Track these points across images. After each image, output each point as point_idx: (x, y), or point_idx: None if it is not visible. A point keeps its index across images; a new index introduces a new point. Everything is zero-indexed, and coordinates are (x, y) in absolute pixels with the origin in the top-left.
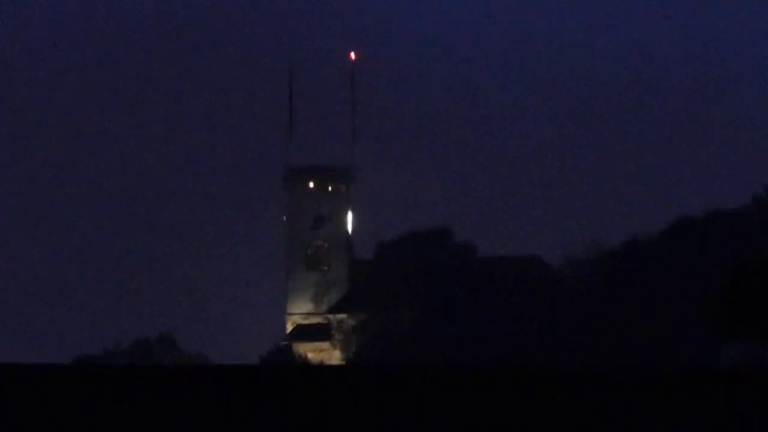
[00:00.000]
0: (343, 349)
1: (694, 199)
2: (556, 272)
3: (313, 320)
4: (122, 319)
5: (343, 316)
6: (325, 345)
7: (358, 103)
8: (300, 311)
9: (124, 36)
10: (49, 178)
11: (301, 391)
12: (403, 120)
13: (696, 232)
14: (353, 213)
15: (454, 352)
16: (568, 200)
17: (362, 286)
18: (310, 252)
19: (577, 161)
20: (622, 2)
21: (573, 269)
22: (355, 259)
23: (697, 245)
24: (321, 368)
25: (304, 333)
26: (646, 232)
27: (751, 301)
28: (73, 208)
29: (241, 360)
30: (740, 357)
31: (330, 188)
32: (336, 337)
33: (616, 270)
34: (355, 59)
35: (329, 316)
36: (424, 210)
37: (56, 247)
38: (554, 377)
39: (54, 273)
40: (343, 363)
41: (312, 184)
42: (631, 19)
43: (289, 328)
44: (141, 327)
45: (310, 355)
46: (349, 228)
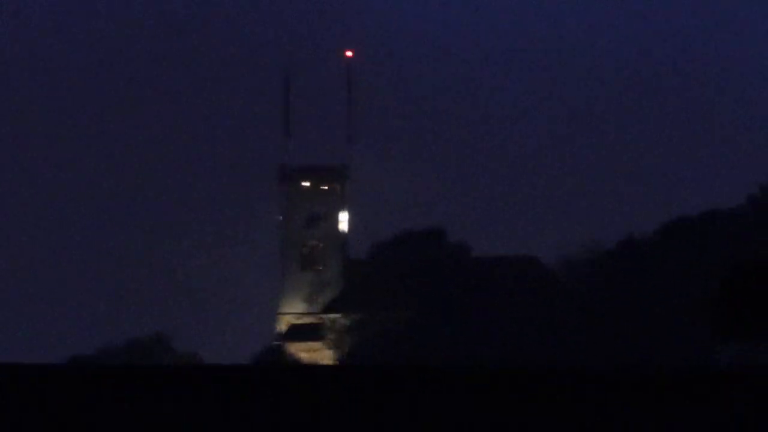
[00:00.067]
0: (336, 349)
1: (690, 200)
2: (552, 272)
3: (307, 320)
4: (116, 319)
5: (337, 315)
6: (318, 345)
7: (354, 103)
8: (294, 311)
9: (123, 36)
10: (42, 178)
11: (294, 391)
12: (399, 120)
13: (691, 232)
14: (348, 213)
15: (449, 352)
16: (564, 200)
17: (357, 286)
18: (304, 252)
19: (572, 161)
20: (622, 2)
21: (568, 269)
22: (350, 258)
23: (693, 245)
24: (314, 368)
25: (298, 333)
26: (641, 232)
27: (747, 301)
28: (67, 209)
29: (234, 360)
30: (736, 356)
31: (325, 188)
32: (329, 336)
33: (612, 270)
34: (351, 58)
35: (323, 316)
36: (419, 210)
37: (48, 247)
38: (550, 377)
39: (46, 273)
40: (336, 363)
41: (307, 184)
42: (631, 19)
43: (283, 327)
44: (135, 327)
45: (303, 355)
46: (344, 228)
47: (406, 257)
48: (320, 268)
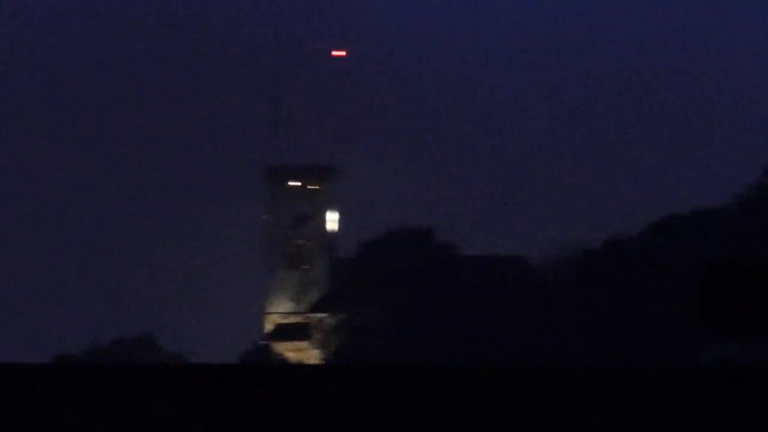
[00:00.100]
0: (323, 348)
1: (675, 198)
2: (536, 272)
3: (294, 320)
4: (101, 319)
5: (324, 315)
6: (305, 344)
7: (343, 102)
8: (280, 310)
9: (114, 36)
10: (40, 178)
11: (281, 390)
12: (390, 120)
13: (679, 232)
14: (336, 212)
15: (437, 352)
16: (548, 200)
17: (343, 286)
18: (291, 251)
19: (559, 161)
20: (622, 2)
21: (553, 269)
22: (337, 258)
23: (677, 244)
24: (301, 368)
25: (285, 332)
26: (625, 232)
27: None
28: (53, 208)
29: (221, 359)
30: (722, 355)
31: (312, 186)
32: (316, 336)
33: (596, 269)
34: (340, 57)
35: (310, 316)
36: (407, 210)
37: (32, 246)
38: (537, 376)
39: (29, 272)
40: (323, 362)
41: (293, 183)
42: (631, 19)
43: (269, 327)
44: (120, 326)
45: (290, 355)
46: (332, 227)
47: (394, 257)
48: (307, 268)
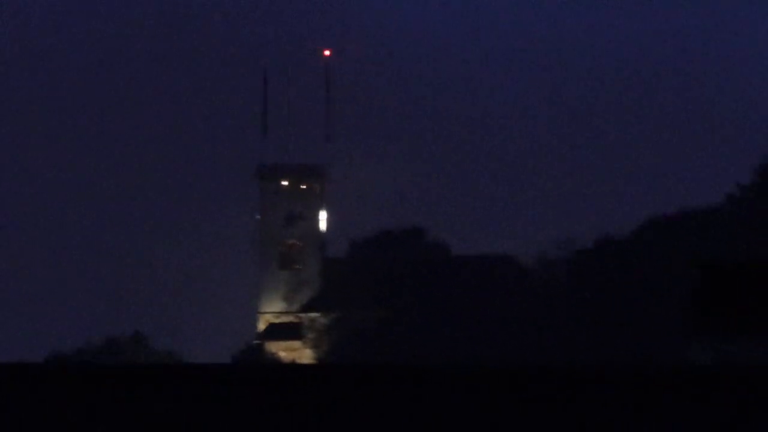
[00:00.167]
0: (315, 347)
1: (668, 198)
2: (529, 271)
3: (286, 319)
4: (94, 318)
5: (316, 314)
6: (297, 344)
7: (333, 101)
8: (272, 310)
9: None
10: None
11: (274, 390)
12: (378, 119)
13: (670, 231)
14: (327, 211)
15: (428, 351)
16: (541, 199)
17: (335, 285)
18: (282, 250)
19: (550, 161)
20: (622, 2)
21: (546, 268)
22: (329, 257)
23: (671, 244)
24: (294, 367)
25: (277, 332)
26: (619, 231)
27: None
28: (47, 208)
29: (214, 359)
30: (712, 355)
31: (303, 186)
32: (308, 335)
33: (590, 268)
34: (329, 56)
35: (302, 315)
36: (398, 209)
37: (24, 246)
38: (528, 375)
39: (22, 272)
40: (315, 362)
41: (285, 182)
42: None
43: (262, 326)
44: (113, 326)
45: (282, 354)
46: (323, 226)
47: (385, 256)
48: (299, 267)
